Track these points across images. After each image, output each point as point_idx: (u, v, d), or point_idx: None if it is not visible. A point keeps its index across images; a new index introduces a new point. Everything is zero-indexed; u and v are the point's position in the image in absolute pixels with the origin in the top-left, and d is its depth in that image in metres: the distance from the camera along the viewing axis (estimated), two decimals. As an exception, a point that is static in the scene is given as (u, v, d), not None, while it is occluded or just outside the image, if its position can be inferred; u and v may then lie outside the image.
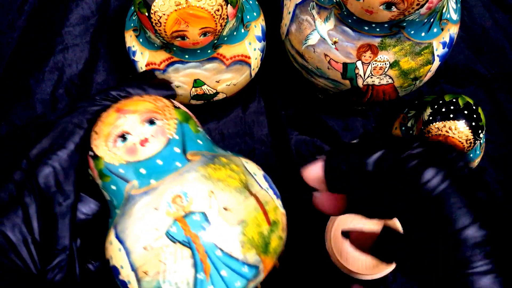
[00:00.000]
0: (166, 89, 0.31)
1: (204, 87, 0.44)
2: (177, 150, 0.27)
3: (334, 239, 0.49)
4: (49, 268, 0.26)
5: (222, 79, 0.44)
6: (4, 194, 0.26)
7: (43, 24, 0.51)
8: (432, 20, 0.39)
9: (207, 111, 0.52)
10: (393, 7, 0.34)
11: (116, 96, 0.29)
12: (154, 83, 0.31)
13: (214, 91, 0.45)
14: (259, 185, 0.28)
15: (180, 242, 0.25)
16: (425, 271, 0.21)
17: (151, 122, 0.27)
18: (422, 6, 0.34)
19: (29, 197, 0.26)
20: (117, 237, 0.26)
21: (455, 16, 0.41)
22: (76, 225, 0.28)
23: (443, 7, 0.40)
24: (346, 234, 0.28)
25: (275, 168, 0.52)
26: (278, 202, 0.29)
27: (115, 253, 0.26)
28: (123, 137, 0.26)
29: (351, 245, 0.28)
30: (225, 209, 0.26)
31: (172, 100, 0.31)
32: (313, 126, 0.53)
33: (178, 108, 0.30)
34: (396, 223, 0.25)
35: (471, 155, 0.47)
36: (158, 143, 0.26)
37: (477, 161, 0.49)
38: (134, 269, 0.25)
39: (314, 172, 0.25)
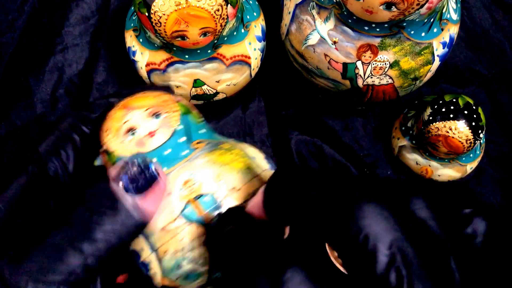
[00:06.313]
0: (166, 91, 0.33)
1: (204, 87, 0.44)
2: (183, 139, 0.30)
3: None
4: None
5: (222, 79, 0.44)
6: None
7: (43, 24, 0.51)
8: (432, 20, 0.39)
9: (207, 111, 0.52)
10: (393, 7, 0.34)
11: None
12: (155, 87, 0.33)
13: (214, 91, 0.45)
14: (260, 167, 0.31)
15: (195, 222, 0.28)
16: None
17: (157, 115, 0.29)
18: (422, 6, 0.34)
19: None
20: None
21: (455, 16, 0.41)
22: None
23: (443, 7, 0.40)
24: None
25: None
26: None
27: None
28: (132, 130, 0.29)
29: None
30: (233, 188, 0.28)
31: (173, 94, 0.33)
32: (313, 126, 0.53)
33: (179, 101, 0.32)
34: None
35: (471, 155, 0.47)
36: (164, 135, 0.29)
37: (477, 161, 0.49)
38: (154, 249, 0.28)
39: (255, 203, 0.25)
